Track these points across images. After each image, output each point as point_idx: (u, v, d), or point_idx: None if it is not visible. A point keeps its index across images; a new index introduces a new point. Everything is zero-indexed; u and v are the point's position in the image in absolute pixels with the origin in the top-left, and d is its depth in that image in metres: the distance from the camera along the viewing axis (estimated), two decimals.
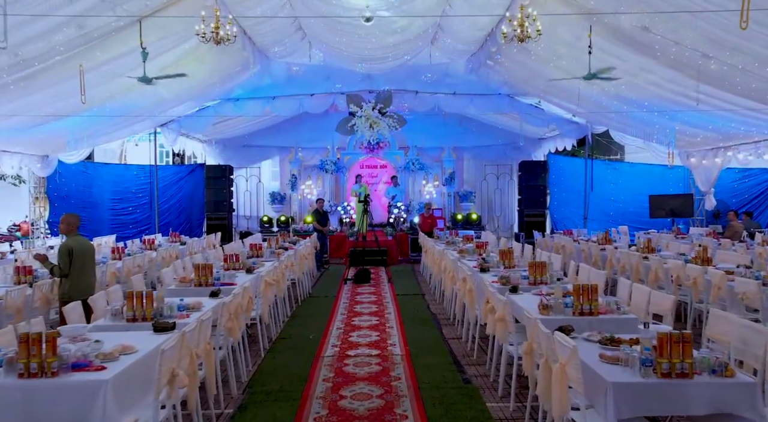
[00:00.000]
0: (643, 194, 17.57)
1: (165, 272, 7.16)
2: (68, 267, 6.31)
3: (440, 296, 9.94)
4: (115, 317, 5.00)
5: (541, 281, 6.41)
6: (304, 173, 18.54)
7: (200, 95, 13.16)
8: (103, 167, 16.04)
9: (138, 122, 13.42)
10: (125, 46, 9.15)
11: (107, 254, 9.79)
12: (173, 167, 18.78)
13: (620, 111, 11.70)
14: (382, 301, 9.98)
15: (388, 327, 8.02)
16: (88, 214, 15.22)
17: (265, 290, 6.81)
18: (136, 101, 11.49)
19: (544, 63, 11.51)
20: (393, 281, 12.03)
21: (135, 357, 3.85)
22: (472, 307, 6.62)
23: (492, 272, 7.52)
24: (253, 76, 13.73)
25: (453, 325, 8.11)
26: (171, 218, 17.36)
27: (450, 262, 8.44)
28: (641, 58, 9.43)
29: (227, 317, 5.14)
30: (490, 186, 19.16)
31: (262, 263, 8.47)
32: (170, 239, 12.95)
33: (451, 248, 10.64)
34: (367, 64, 13.52)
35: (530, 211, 17.17)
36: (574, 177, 18.17)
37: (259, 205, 19.00)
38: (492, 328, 5.46)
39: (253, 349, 6.85)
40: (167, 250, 10.43)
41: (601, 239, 10.85)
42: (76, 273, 6.35)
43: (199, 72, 11.80)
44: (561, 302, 4.98)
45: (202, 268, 6.63)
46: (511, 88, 14.18)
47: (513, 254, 7.97)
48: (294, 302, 9.71)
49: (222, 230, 16.99)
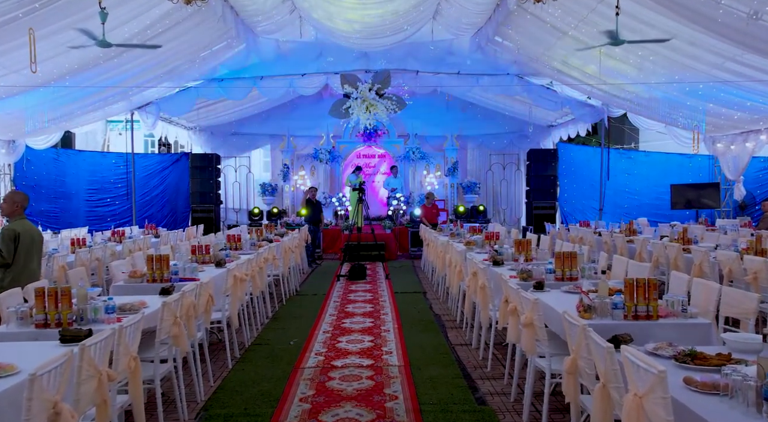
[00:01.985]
0: (660, 184, 16.39)
1: (115, 265, 5.96)
2: (11, 256, 5.13)
3: (444, 294, 8.75)
4: (23, 321, 3.81)
5: (570, 276, 5.21)
6: (297, 163, 17.35)
7: (178, 73, 11.95)
8: (78, 155, 14.82)
9: (110, 104, 12.23)
10: (82, 11, 7.98)
11: (66, 246, 8.60)
12: (157, 156, 17.58)
13: (646, 85, 10.46)
14: (378, 300, 8.79)
15: (384, 330, 6.83)
16: (61, 205, 14.08)
17: (235, 287, 5.61)
18: (101, 77, 10.29)
19: (561, 34, 10.30)
20: (391, 277, 10.85)
21: (8, 382, 2.66)
22: (485, 307, 5.43)
23: (507, 265, 6.32)
24: (239, 55, 12.61)
25: (460, 328, 6.92)
26: (154, 211, 16.17)
27: (456, 255, 7.24)
28: (676, 23, 8.21)
29: (171, 321, 3.94)
30: (495, 177, 17.96)
31: (237, 257, 7.27)
32: (145, 232, 11.75)
33: (456, 240, 9.44)
34: (363, 40, 12.35)
35: (539, 203, 15.96)
36: (585, 167, 17.01)
37: (249, 197, 17.81)
38: (515, 335, 4.27)
39: (219, 359, 5.66)
40: (136, 242, 9.23)
41: (625, 230, 9.65)
42: (20, 264, 5.17)
43: (174, 45, 10.64)
44: (608, 303, 3.78)
45: (156, 260, 5.44)
46: (521, 67, 12.96)
47: (530, 245, 6.78)
48: (277, 301, 8.51)
49: (208, 223, 15.83)
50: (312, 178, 17.20)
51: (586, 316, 3.76)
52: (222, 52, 12.17)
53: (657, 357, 3.06)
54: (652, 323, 3.69)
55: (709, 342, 3.57)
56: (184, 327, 4.14)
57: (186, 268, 5.66)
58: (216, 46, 11.87)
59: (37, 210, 13.44)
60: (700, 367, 2.82)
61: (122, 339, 3.18)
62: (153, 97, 13.09)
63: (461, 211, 15.94)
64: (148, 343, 3.95)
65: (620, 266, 5.68)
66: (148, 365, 3.89)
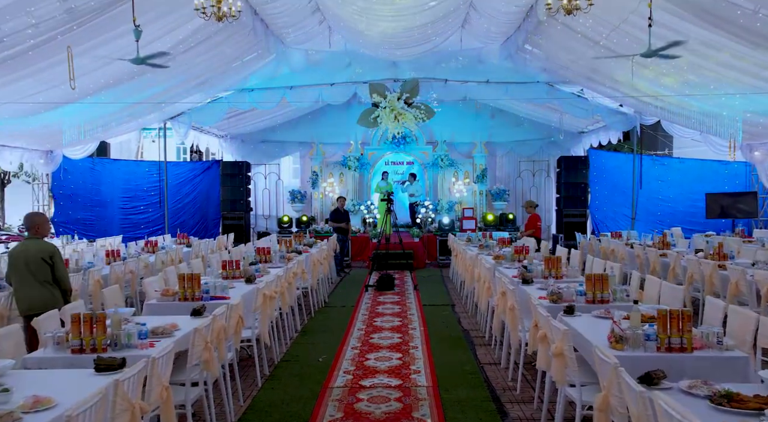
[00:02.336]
0: (694, 192, 16.03)
1: (148, 282, 6.07)
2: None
3: (473, 308, 8.70)
4: (59, 346, 3.91)
5: (601, 298, 5.13)
6: (326, 170, 17.44)
7: (209, 85, 12.13)
8: (113, 164, 15.16)
9: (144, 115, 12.49)
10: (118, 27, 8.17)
11: (101, 257, 8.81)
12: (188, 164, 17.87)
13: (681, 96, 10.26)
14: (406, 313, 8.78)
15: (413, 346, 6.82)
16: (97, 213, 14.41)
17: (264, 305, 5.67)
18: (135, 91, 10.51)
19: (592, 43, 10.16)
20: (419, 288, 10.84)
21: (46, 416, 2.73)
22: (514, 329, 5.38)
23: (537, 283, 6.26)
24: (269, 65, 12.72)
25: (489, 346, 6.87)
26: (185, 218, 16.43)
27: (485, 270, 7.19)
28: (711, 33, 8.04)
29: (202, 346, 4.01)
30: (525, 184, 17.80)
31: (266, 271, 7.34)
32: (177, 241, 11.96)
33: (485, 253, 9.38)
34: (391, 50, 12.36)
35: (570, 210, 15.77)
36: (617, 174, 16.73)
37: (278, 204, 17.97)
38: (545, 362, 4.22)
39: (249, 377, 5.72)
40: (168, 253, 9.39)
41: (658, 242, 9.46)
42: (17, 284, 5.33)
43: (206, 58, 10.83)
44: (640, 334, 3.72)
45: (188, 279, 5.53)
46: (551, 75, 12.82)
47: (560, 262, 6.69)
48: (306, 313, 8.57)
49: (238, 231, 16.03)
50: (341, 185, 17.28)
51: (618, 347, 3.70)
52: (252, 63, 12.29)
53: (691, 395, 3.00)
54: (686, 356, 3.61)
55: (746, 378, 3.48)
56: (215, 350, 4.19)
57: (217, 286, 5.74)
58: (246, 57, 12.02)
59: (74, 218, 13.80)
60: (737, 410, 2.75)
61: (155, 369, 3.24)
62: (185, 108, 13.30)
63: (490, 219, 15.84)
64: (180, 365, 4.01)
65: (653, 288, 5.57)
66: (179, 389, 3.96)
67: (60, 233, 13.14)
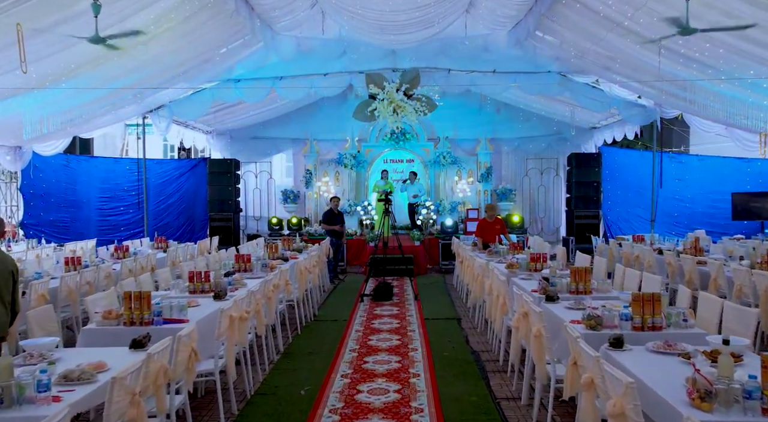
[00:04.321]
0: (714, 191, 15.01)
1: (91, 300, 4.97)
2: None
3: (482, 323, 7.63)
4: None
5: (653, 324, 4.06)
6: (321, 169, 16.37)
7: (191, 74, 11.05)
8: (89, 161, 14.09)
9: (120, 107, 11.41)
10: (75, 4, 7.12)
11: (62, 265, 7.72)
12: (173, 162, 16.80)
13: (711, 81, 9.19)
14: (406, 328, 7.71)
15: (414, 374, 5.74)
16: (71, 215, 13.34)
17: (231, 330, 4.59)
18: (105, 79, 9.44)
19: (613, 25, 9.10)
20: (420, 298, 9.77)
21: None
22: (540, 360, 4.30)
23: (563, 301, 5.19)
24: (256, 54, 11.66)
25: (504, 373, 5.79)
26: (170, 219, 15.38)
27: (498, 283, 6.09)
28: (756, 9, 6.98)
29: (126, 400, 2.92)
30: (532, 183, 16.72)
31: (242, 283, 6.27)
32: (155, 245, 10.88)
33: (495, 260, 8.31)
34: (390, 36, 11.30)
35: (581, 211, 14.70)
36: (631, 172, 15.71)
37: (270, 204, 16.89)
38: (591, 418, 3.14)
39: (212, 417, 4.65)
40: (137, 261, 8.30)
41: (689, 248, 8.38)
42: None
43: (185, 44, 9.78)
44: (738, 389, 2.64)
45: (135, 298, 4.45)
46: (564, 65, 11.74)
47: (590, 274, 5.62)
48: (291, 330, 7.49)
49: (227, 233, 14.97)
50: (336, 184, 16.22)
51: (705, 407, 2.63)
52: (238, 51, 11.27)
53: None
54: None
55: None
56: (155, 394, 3.12)
57: (173, 306, 4.65)
58: (231, 44, 11.01)
59: (46, 220, 12.73)
60: None
61: None
62: (165, 100, 12.24)
63: None
64: None
65: (710, 309, 4.48)
66: None
67: (30, 236, 12.07)
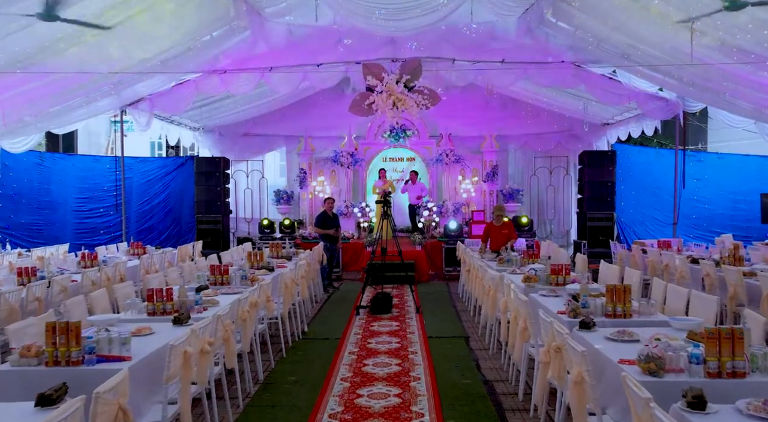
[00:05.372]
0: (736, 192, 14.10)
1: (13, 330, 3.98)
2: None
3: (493, 342, 6.67)
4: None
5: (733, 370, 3.08)
6: (316, 167, 15.39)
7: (171, 64, 10.08)
8: (65, 160, 13.11)
9: (93, 101, 10.46)
10: None
11: (13, 278, 6.75)
12: (158, 160, 15.81)
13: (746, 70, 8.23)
14: (406, 349, 6.73)
15: (417, 412, 4.76)
16: (45, 217, 12.39)
17: (185, 368, 3.62)
18: (75, 67, 8.47)
19: (637, 7, 8.15)
20: (423, 310, 8.81)
21: None
22: (581, 414, 3.32)
23: (601, 328, 4.21)
24: (244, 42, 10.71)
25: (526, 412, 4.81)
26: (154, 222, 14.42)
27: (519, 304, 5.06)
28: None
29: None
30: (541, 182, 15.74)
31: (213, 301, 5.29)
32: (131, 251, 9.90)
33: (507, 270, 7.33)
34: (388, 22, 10.33)
35: (594, 213, 13.72)
36: (646, 171, 14.79)
37: (261, 205, 15.91)
38: None
39: None
40: (103, 271, 7.30)
41: (726, 255, 7.39)
42: None
43: (163, 30, 8.86)
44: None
45: (61, 330, 3.47)
46: (579, 54, 10.76)
47: (630, 293, 4.64)
48: (275, 351, 6.52)
49: (215, 236, 14.01)
50: (332, 184, 15.25)
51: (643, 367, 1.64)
52: (223, 39, 10.32)
53: None
54: None
55: None
56: None
57: (112, 339, 3.67)
58: (216, 31, 10.09)
59: (16, 223, 11.77)
60: None
61: None
62: (145, 93, 11.26)
63: None
64: None
65: None
66: None
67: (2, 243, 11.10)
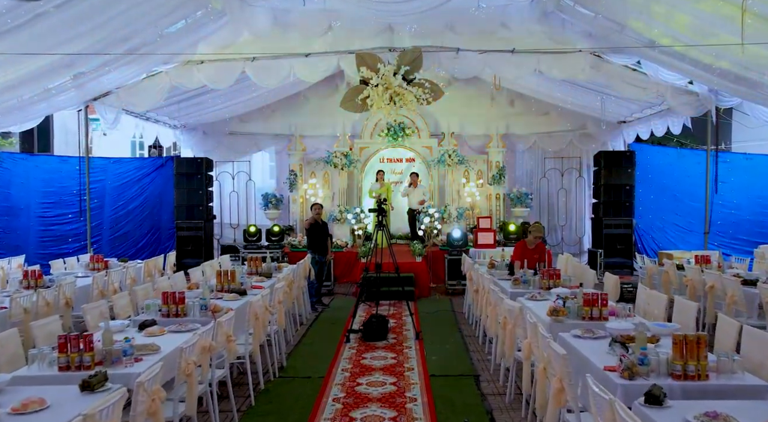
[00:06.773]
0: (764, 196, 12.90)
1: None
2: None
3: (511, 386, 5.44)
4: None
5: None
6: (307, 169, 14.21)
7: (138, 52, 8.89)
8: (28, 160, 11.84)
9: (54, 95, 9.27)
10: None
11: None
12: (135, 161, 14.57)
13: None
14: (404, 393, 5.52)
15: None
16: (5, 224, 11.14)
17: None
18: (22, 56, 7.27)
19: None
20: (424, 336, 7.60)
21: None
22: None
23: (674, 403, 2.99)
24: (223, 30, 9.59)
25: None
26: (130, 228, 13.20)
27: (553, 358, 3.78)
28: None
29: None
30: (551, 186, 14.54)
31: (152, 348, 4.07)
32: (90, 265, 8.68)
33: (525, 295, 6.10)
34: (385, 6, 9.15)
35: (611, 220, 12.48)
36: (666, 174, 13.57)
37: (249, 210, 14.71)
38: None
39: None
40: (41, 295, 6.08)
41: None
42: None
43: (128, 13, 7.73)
44: None
45: None
46: (599, 41, 9.55)
47: (705, 345, 3.42)
48: (243, 397, 5.29)
49: (197, 244, 12.76)
50: (325, 187, 14.05)
51: None
52: (199, 26, 9.22)
53: None
54: None
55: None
56: None
57: None
58: (189, 17, 8.99)
59: None
60: None
61: None
62: (112, 86, 10.06)
63: (512, 230, 12.55)
64: None
65: None
66: None
67: None
